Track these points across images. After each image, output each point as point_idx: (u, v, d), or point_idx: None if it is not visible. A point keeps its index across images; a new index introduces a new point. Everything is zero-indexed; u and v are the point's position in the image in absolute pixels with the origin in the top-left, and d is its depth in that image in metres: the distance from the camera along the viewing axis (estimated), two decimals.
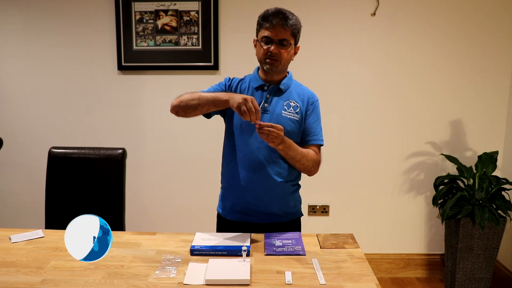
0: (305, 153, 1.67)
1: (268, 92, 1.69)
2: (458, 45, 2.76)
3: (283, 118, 1.66)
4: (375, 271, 2.87)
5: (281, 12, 1.60)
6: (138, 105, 2.85)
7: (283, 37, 1.60)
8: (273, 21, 1.58)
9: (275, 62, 1.62)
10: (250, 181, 1.68)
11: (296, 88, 1.74)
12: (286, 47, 1.62)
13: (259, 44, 1.64)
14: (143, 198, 2.94)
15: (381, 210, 2.94)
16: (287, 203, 1.76)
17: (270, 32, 1.59)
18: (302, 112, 1.69)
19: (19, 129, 2.89)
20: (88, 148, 2.08)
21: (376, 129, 2.86)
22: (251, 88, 1.71)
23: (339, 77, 2.80)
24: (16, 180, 2.95)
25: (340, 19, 2.74)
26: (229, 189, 1.76)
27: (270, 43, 1.60)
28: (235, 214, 1.75)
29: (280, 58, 1.62)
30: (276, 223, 1.74)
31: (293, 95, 1.71)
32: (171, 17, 2.73)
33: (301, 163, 1.67)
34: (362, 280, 1.35)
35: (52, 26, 2.77)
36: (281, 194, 1.72)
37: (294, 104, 1.69)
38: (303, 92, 1.74)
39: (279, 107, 1.67)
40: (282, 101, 1.68)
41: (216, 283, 1.31)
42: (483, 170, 2.64)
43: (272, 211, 1.72)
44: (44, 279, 1.35)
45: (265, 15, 1.62)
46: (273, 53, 1.60)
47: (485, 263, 2.63)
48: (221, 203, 1.81)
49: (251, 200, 1.70)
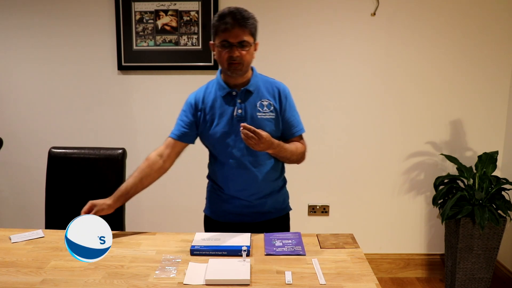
0: (294, 150, 1.69)
1: (238, 97, 1.65)
2: (458, 45, 2.76)
3: (260, 120, 1.64)
4: (375, 271, 2.87)
5: (236, 13, 1.53)
6: (138, 105, 2.85)
7: (243, 39, 1.55)
8: (230, 24, 1.52)
9: (238, 66, 1.58)
10: (242, 184, 1.70)
11: (264, 84, 1.69)
12: (247, 47, 1.57)
13: (218, 49, 1.58)
14: (143, 198, 2.92)
15: (381, 210, 2.94)
16: (277, 199, 1.78)
17: (228, 35, 1.54)
18: (276, 109, 1.67)
19: (19, 129, 2.89)
20: (88, 148, 2.08)
21: (376, 129, 2.86)
22: (219, 98, 1.67)
23: (339, 77, 2.80)
24: (16, 180, 2.95)
25: (340, 19, 2.74)
26: (219, 193, 1.78)
27: (230, 46, 1.55)
28: (229, 216, 1.77)
29: (243, 61, 1.58)
30: (268, 220, 1.76)
31: (263, 94, 1.67)
32: (171, 17, 2.73)
33: (291, 160, 1.71)
34: (362, 280, 1.35)
35: (52, 26, 2.77)
36: (271, 192, 1.75)
37: (267, 103, 1.66)
38: (272, 87, 1.69)
39: (253, 110, 1.65)
40: (255, 103, 1.65)
41: (216, 283, 1.31)
42: (483, 170, 2.64)
43: (264, 209, 1.75)
44: (44, 279, 1.35)
45: (220, 17, 1.55)
46: (235, 57, 1.55)
47: (485, 263, 2.63)
48: (211, 206, 1.83)
49: (244, 203, 1.73)
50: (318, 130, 2.85)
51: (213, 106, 1.67)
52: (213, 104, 1.67)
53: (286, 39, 2.75)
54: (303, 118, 1.71)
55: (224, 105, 1.66)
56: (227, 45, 1.55)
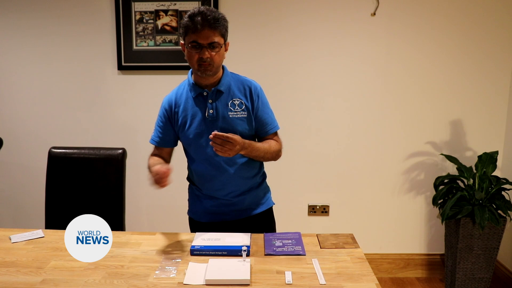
0: (267, 148, 1.69)
1: (209, 97, 1.65)
2: (458, 45, 2.76)
3: (232, 119, 1.65)
4: (375, 271, 2.87)
5: (206, 14, 1.52)
6: (138, 105, 2.85)
7: (212, 40, 1.54)
8: (199, 25, 1.51)
9: (208, 66, 1.57)
10: (218, 184, 1.71)
11: (235, 83, 1.69)
12: (217, 49, 1.57)
13: (188, 50, 1.58)
14: (143, 198, 2.94)
15: (381, 210, 2.94)
16: (257, 195, 1.78)
17: (198, 36, 1.53)
18: (248, 107, 1.67)
19: (19, 129, 2.89)
20: (88, 148, 2.08)
21: (376, 129, 2.86)
22: (190, 99, 1.68)
23: (339, 77, 2.80)
24: (16, 180, 2.95)
25: (340, 19, 2.74)
26: (198, 193, 1.79)
27: (200, 47, 1.54)
28: (209, 216, 1.78)
29: (213, 62, 1.57)
30: (250, 217, 1.76)
31: (234, 93, 1.67)
32: (171, 17, 2.73)
33: (266, 158, 1.71)
34: (362, 280, 1.35)
35: (52, 26, 2.77)
36: (250, 189, 1.75)
37: (238, 102, 1.66)
38: (243, 86, 1.69)
39: (225, 110, 1.65)
40: (226, 102, 1.66)
41: (216, 283, 1.31)
42: (483, 170, 2.64)
43: (244, 206, 1.75)
44: (44, 279, 1.35)
45: (190, 18, 1.54)
46: (205, 58, 1.55)
47: (485, 263, 2.63)
48: (192, 208, 1.84)
49: (223, 202, 1.73)
50: (318, 129, 2.85)
51: (186, 107, 1.68)
52: (185, 106, 1.68)
53: (286, 38, 2.75)
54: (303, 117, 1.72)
55: (196, 106, 1.66)
56: (197, 46, 1.55)
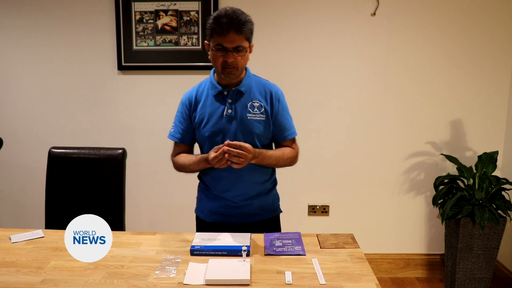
0: (280, 156, 1.68)
1: (229, 97, 1.64)
2: (458, 45, 2.76)
3: (249, 121, 1.64)
4: (375, 271, 2.87)
5: (233, 17, 1.51)
6: (138, 105, 2.85)
7: (238, 44, 1.53)
8: (226, 28, 1.50)
9: (232, 70, 1.57)
10: (227, 185, 1.70)
11: (257, 86, 1.69)
12: (242, 53, 1.56)
13: (213, 52, 1.57)
14: (143, 198, 2.94)
15: (381, 210, 2.94)
16: (265, 201, 1.76)
17: (224, 40, 1.52)
18: (267, 111, 1.66)
19: (19, 129, 2.89)
20: (88, 148, 2.08)
21: (376, 129, 2.86)
22: (210, 97, 1.67)
23: (339, 77, 2.80)
24: (16, 180, 2.95)
25: (340, 19, 2.74)
26: (206, 193, 1.78)
27: (225, 50, 1.54)
28: (215, 216, 1.77)
29: (238, 65, 1.57)
30: (256, 222, 1.75)
31: (255, 95, 1.66)
32: (171, 17, 2.73)
33: (279, 165, 1.71)
34: (362, 280, 1.35)
35: (52, 26, 2.77)
36: (258, 194, 1.73)
37: (258, 104, 1.65)
38: (264, 89, 1.68)
39: (244, 111, 1.64)
40: (246, 104, 1.65)
41: (216, 283, 1.31)
42: (483, 170, 2.64)
43: (251, 211, 1.73)
44: (44, 279, 1.35)
45: (216, 20, 1.52)
46: (230, 62, 1.55)
47: (485, 263, 2.63)
48: (199, 206, 1.83)
49: (230, 204, 1.72)
50: (318, 130, 2.85)
51: (205, 105, 1.67)
52: (205, 103, 1.67)
53: (286, 38, 2.75)
54: (303, 118, 1.72)
55: (215, 104, 1.66)
56: (222, 49, 1.54)
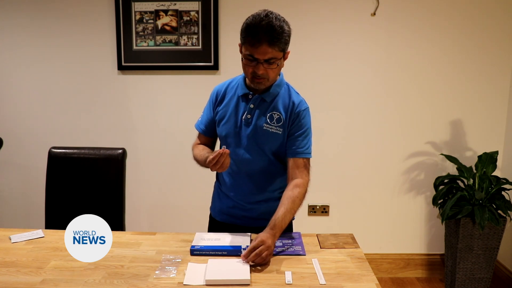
0: (291, 208, 1.57)
1: (252, 102, 1.59)
2: (458, 45, 2.76)
3: (264, 131, 1.58)
4: (375, 271, 2.87)
5: (267, 29, 1.41)
6: (138, 105, 2.85)
7: (270, 57, 1.44)
8: (258, 40, 1.41)
9: (262, 81, 1.51)
10: (236, 187, 1.69)
11: (283, 96, 1.60)
12: (274, 65, 1.47)
13: (244, 60, 1.49)
14: (143, 198, 2.94)
15: (381, 210, 2.94)
16: (273, 207, 1.63)
17: (255, 51, 1.43)
18: (285, 124, 1.59)
19: (19, 129, 2.89)
20: (88, 148, 2.08)
21: (376, 129, 2.86)
22: (236, 96, 1.63)
23: (339, 77, 2.80)
24: (16, 180, 2.95)
25: (340, 19, 2.74)
26: (219, 191, 1.78)
27: (255, 61, 1.46)
28: (223, 216, 1.77)
29: (268, 77, 1.50)
30: (261, 227, 1.65)
31: (278, 106, 1.59)
32: (171, 17, 2.73)
33: (296, 211, 1.63)
34: (362, 280, 1.35)
35: (52, 26, 2.77)
36: (267, 200, 1.71)
37: (278, 116, 1.58)
38: (289, 101, 1.59)
39: (262, 120, 1.58)
40: (266, 113, 1.58)
41: (216, 283, 1.31)
42: (483, 170, 2.64)
43: (256, 215, 1.71)
44: (44, 279, 1.35)
45: (250, 29, 1.43)
46: (260, 74, 1.47)
47: (485, 263, 2.63)
48: (212, 203, 1.84)
49: (237, 205, 1.71)
50: (318, 130, 2.84)
51: (229, 103, 1.64)
52: (229, 101, 1.64)
53: None
54: None
55: (239, 105, 1.62)
56: (252, 60, 1.46)
